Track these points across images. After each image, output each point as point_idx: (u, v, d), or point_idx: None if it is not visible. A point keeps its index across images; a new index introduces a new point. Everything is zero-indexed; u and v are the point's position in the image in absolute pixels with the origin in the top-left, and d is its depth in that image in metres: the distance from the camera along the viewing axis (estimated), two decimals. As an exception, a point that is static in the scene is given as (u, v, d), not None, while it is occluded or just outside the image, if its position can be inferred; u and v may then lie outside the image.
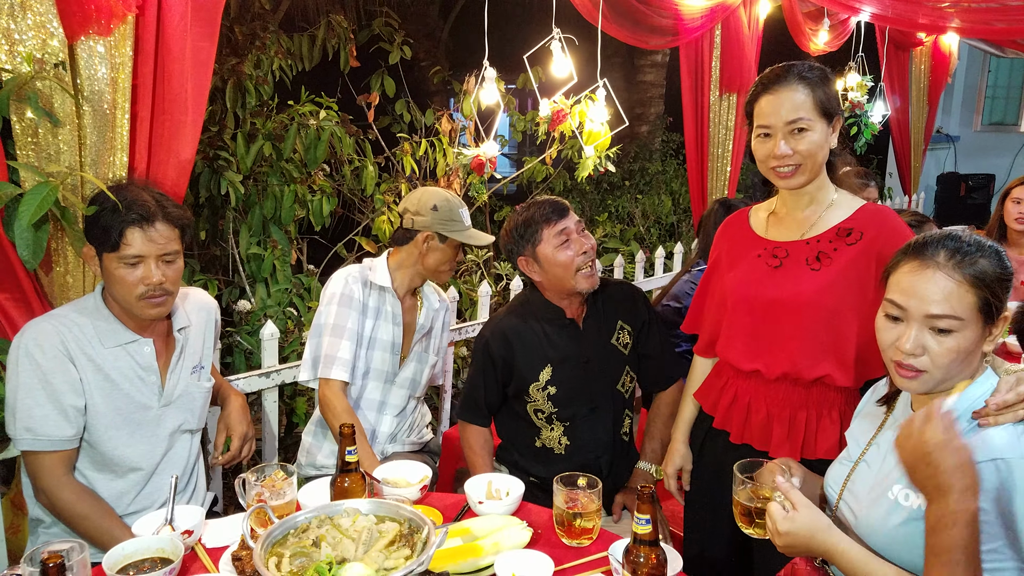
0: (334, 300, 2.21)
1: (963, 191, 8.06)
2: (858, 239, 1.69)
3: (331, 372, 2.16)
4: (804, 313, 1.71)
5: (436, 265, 2.28)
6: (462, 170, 3.64)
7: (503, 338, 2.14)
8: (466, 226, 2.27)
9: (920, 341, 1.29)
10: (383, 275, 2.27)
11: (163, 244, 1.74)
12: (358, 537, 1.35)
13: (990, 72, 8.86)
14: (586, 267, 2.05)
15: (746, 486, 1.48)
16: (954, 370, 1.30)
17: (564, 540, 1.60)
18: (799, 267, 1.73)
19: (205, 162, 3.16)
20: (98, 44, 1.74)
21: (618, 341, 2.18)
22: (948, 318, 1.27)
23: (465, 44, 7.46)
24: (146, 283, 1.72)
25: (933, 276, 1.29)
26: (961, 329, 1.27)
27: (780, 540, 1.36)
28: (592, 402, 2.14)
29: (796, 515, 1.34)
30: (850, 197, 1.77)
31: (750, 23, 4.00)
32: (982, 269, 1.29)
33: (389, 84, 4.14)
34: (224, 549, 1.57)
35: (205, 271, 3.51)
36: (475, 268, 4.18)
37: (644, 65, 7.95)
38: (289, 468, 1.66)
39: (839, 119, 1.73)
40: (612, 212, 6.54)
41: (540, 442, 2.18)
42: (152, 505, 1.85)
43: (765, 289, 1.76)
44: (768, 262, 1.78)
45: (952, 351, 1.28)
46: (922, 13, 5.00)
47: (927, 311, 1.28)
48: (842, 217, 1.74)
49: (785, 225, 1.81)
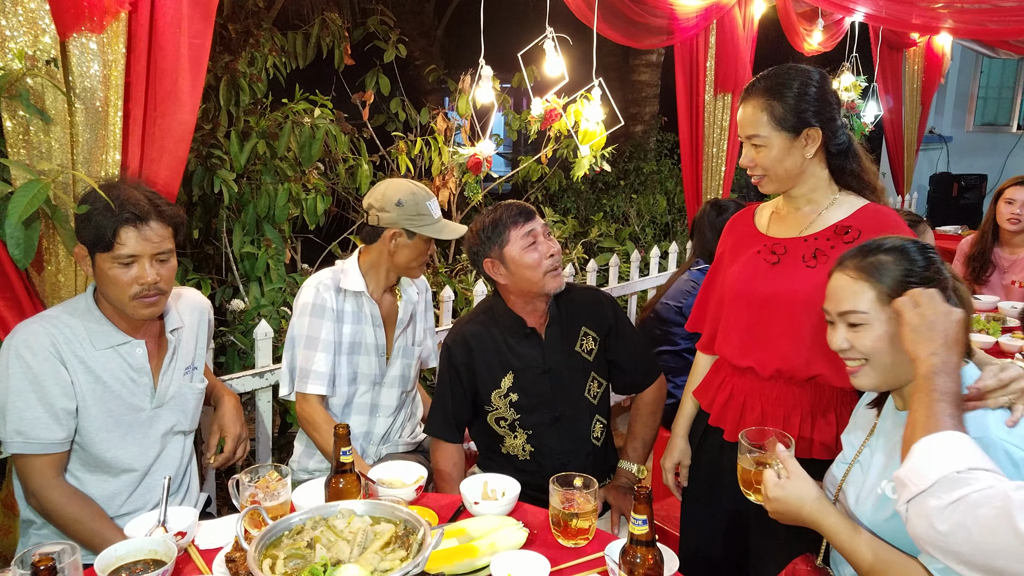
0: (306, 311, 2.15)
1: (955, 191, 8.09)
2: (856, 237, 1.69)
3: (307, 387, 2.12)
4: (798, 310, 1.71)
5: (407, 262, 2.20)
6: (457, 169, 3.63)
7: (464, 344, 2.11)
8: (435, 219, 2.18)
9: (843, 337, 1.43)
10: (355, 279, 2.20)
11: (157, 243, 1.72)
12: (353, 539, 1.35)
13: (982, 73, 8.89)
14: (553, 269, 2.03)
15: (751, 453, 1.51)
16: (887, 360, 1.39)
17: (560, 540, 1.59)
18: (796, 264, 1.74)
19: (198, 160, 3.14)
20: (90, 41, 1.73)
21: (582, 348, 2.14)
22: (853, 313, 1.40)
23: (460, 43, 7.45)
24: (140, 283, 1.70)
25: (837, 277, 1.44)
26: (870, 321, 1.39)
27: (770, 506, 1.41)
28: (555, 410, 2.11)
29: (787, 483, 1.39)
30: (853, 197, 1.78)
31: (745, 23, 4.00)
32: (881, 264, 1.39)
33: (384, 82, 4.13)
34: (217, 551, 1.55)
35: (198, 270, 3.49)
36: (470, 268, 4.17)
37: (639, 65, 7.95)
38: (283, 469, 1.65)
39: (814, 129, 1.71)
40: (607, 211, 6.54)
41: (505, 449, 2.16)
42: (145, 506, 1.83)
43: (761, 284, 1.77)
44: (767, 258, 1.79)
45: (871, 341, 1.39)
46: (915, 13, 5.02)
47: (838, 309, 1.43)
48: (842, 216, 1.75)
49: (786, 222, 1.82)
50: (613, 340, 2.19)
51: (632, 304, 4.16)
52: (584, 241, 5.32)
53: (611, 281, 4.01)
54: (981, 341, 2.88)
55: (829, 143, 1.75)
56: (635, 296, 4.16)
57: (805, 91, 1.71)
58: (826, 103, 1.73)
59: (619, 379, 2.26)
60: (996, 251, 3.64)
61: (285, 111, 3.40)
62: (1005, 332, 3.04)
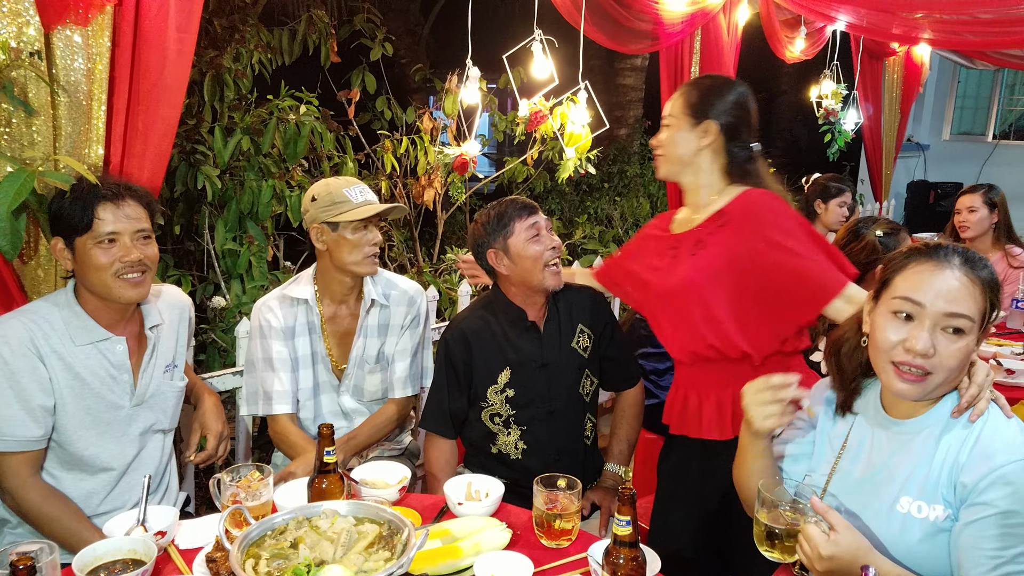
0: (254, 334, 2.14)
1: (932, 199, 8.20)
2: (727, 221, 1.80)
3: (272, 408, 2.11)
4: (683, 294, 1.83)
5: (345, 258, 2.09)
6: (443, 169, 3.62)
7: (463, 339, 2.13)
8: (357, 203, 2.08)
9: (933, 340, 1.29)
10: (304, 287, 2.16)
11: (136, 220, 1.72)
12: (337, 539, 1.34)
13: (960, 83, 9.03)
14: (553, 263, 2.08)
15: (773, 507, 1.37)
16: (952, 375, 1.31)
17: (543, 541, 1.60)
18: (684, 256, 1.85)
19: (182, 156, 3.11)
20: (75, 34, 1.71)
21: (578, 344, 2.18)
22: (964, 317, 1.28)
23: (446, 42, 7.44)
24: (123, 260, 1.69)
25: (953, 275, 1.30)
26: (971, 332, 1.29)
27: (822, 565, 1.26)
28: (550, 405, 2.14)
29: (839, 537, 1.26)
30: (737, 188, 1.86)
31: (729, 30, 4.03)
32: (990, 276, 1.32)
33: (370, 80, 4.11)
34: (198, 550, 1.54)
35: (179, 266, 3.46)
36: (454, 268, 4.17)
37: (623, 69, 7.99)
38: (265, 468, 1.64)
39: (713, 124, 1.83)
40: (591, 214, 6.57)
41: (496, 448, 2.17)
42: (124, 505, 1.81)
43: (661, 280, 1.90)
44: (668, 253, 1.91)
45: (961, 351, 1.29)
46: (896, 23, 5.08)
47: (946, 309, 1.28)
48: (721, 205, 1.84)
49: (684, 222, 1.95)
50: (607, 338, 2.24)
51: (616, 305, 4.17)
52: (568, 243, 5.33)
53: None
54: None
55: (730, 147, 1.85)
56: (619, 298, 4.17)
57: (721, 91, 1.86)
58: (735, 111, 1.84)
59: (610, 375, 2.29)
60: (964, 260, 3.71)
61: (270, 107, 3.39)
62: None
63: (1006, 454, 1.25)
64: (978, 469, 1.26)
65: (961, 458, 1.30)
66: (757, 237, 1.74)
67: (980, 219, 3.56)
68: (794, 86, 8.88)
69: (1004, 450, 1.26)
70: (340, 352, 2.21)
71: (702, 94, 1.86)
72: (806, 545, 1.28)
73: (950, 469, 1.31)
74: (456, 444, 2.20)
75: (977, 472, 1.26)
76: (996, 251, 3.62)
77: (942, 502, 1.31)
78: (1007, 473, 1.23)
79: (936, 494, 1.31)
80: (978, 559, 1.24)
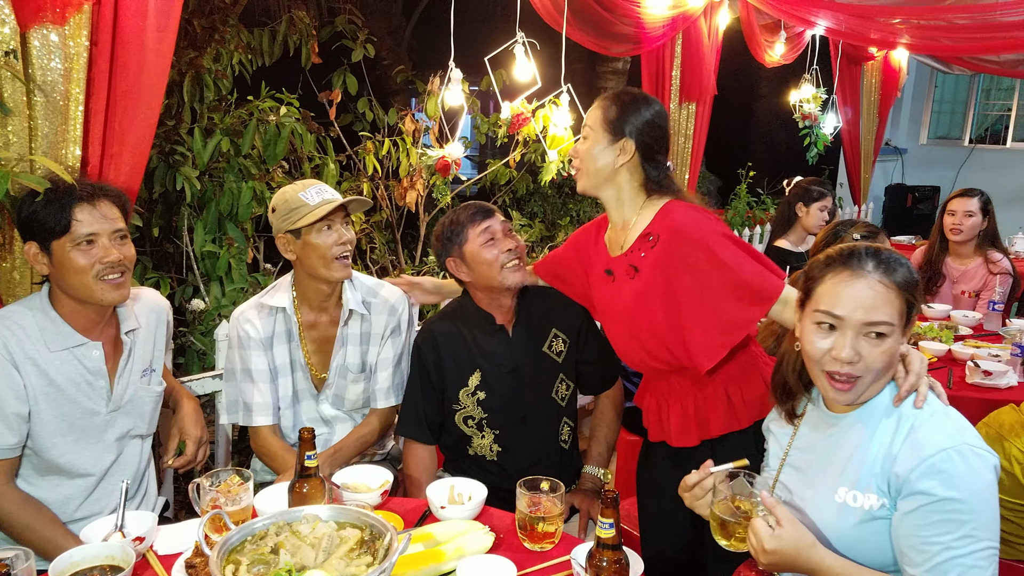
0: (233, 345, 2.11)
1: (910, 202, 8.32)
2: (656, 241, 1.82)
3: (252, 420, 2.08)
4: (629, 320, 1.88)
5: (315, 264, 2.03)
6: (426, 171, 3.62)
7: (432, 341, 2.13)
8: (314, 205, 2.01)
9: (856, 348, 1.35)
10: (282, 295, 2.11)
11: (113, 220, 1.70)
12: (318, 544, 1.33)
13: (937, 88, 9.17)
14: (511, 262, 2.06)
15: (724, 498, 1.44)
16: (881, 374, 1.38)
17: (526, 544, 1.60)
18: (623, 280, 1.89)
19: (160, 157, 3.08)
20: (52, 33, 1.69)
21: (551, 349, 2.18)
22: (883, 324, 1.34)
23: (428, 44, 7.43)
24: (103, 261, 1.67)
25: (867, 284, 1.35)
26: (892, 333, 1.35)
27: (766, 558, 1.33)
28: (522, 410, 2.13)
29: (783, 532, 1.32)
30: (656, 201, 1.88)
31: (710, 33, 4.07)
32: (906, 277, 1.37)
33: (351, 82, 4.09)
34: (177, 556, 1.52)
35: (158, 268, 3.42)
36: (437, 270, 4.16)
37: (605, 72, 8.02)
38: (245, 473, 1.62)
39: (630, 143, 1.83)
40: (574, 216, 6.58)
41: (472, 451, 2.16)
42: (101, 511, 1.79)
43: (608, 304, 1.96)
44: (606, 280, 1.96)
45: (886, 353, 1.35)
46: (874, 28, 5.15)
47: (864, 318, 1.34)
48: (645, 224, 1.87)
49: (613, 241, 1.97)
50: (583, 341, 2.23)
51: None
52: (551, 245, 5.34)
53: (576, 285, 4.03)
54: (934, 349, 2.96)
55: (645, 165, 1.86)
56: (600, 300, 4.19)
57: (639, 110, 1.85)
58: (651, 131, 1.85)
59: (588, 378, 2.29)
60: (946, 262, 3.75)
61: (250, 108, 3.36)
62: (957, 340, 3.14)
63: (934, 444, 1.30)
64: (909, 460, 1.31)
65: (894, 449, 1.35)
66: (689, 254, 1.76)
67: (974, 224, 3.59)
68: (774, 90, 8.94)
69: (932, 441, 1.31)
70: (320, 360, 2.17)
71: (621, 110, 1.85)
72: (752, 538, 1.35)
73: (883, 460, 1.36)
74: (435, 450, 2.19)
75: (909, 463, 1.31)
76: (977, 256, 3.67)
77: (876, 491, 1.36)
78: (937, 463, 1.28)
79: (870, 484, 1.37)
80: (920, 546, 1.29)
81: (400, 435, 2.19)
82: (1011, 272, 3.58)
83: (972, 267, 3.67)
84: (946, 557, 1.26)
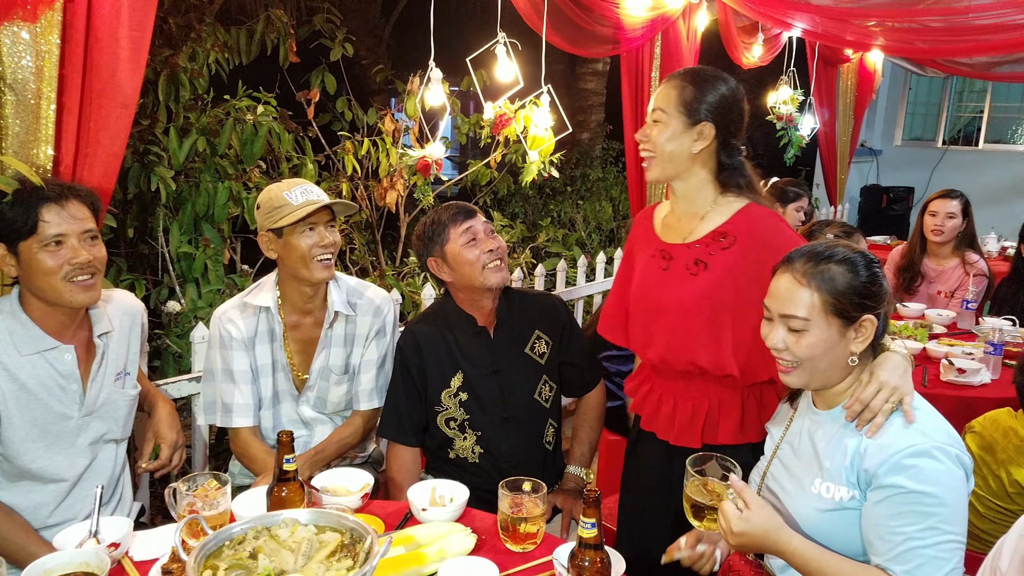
0: (213, 344, 2.07)
1: (884, 203, 8.43)
2: (732, 243, 1.76)
3: (232, 421, 2.05)
4: (686, 315, 1.78)
5: (297, 263, 2.00)
6: (406, 171, 3.59)
7: (414, 343, 2.12)
8: (297, 204, 1.97)
9: (780, 337, 1.45)
10: (266, 294, 2.08)
11: (82, 220, 1.67)
12: (297, 548, 1.32)
13: (911, 90, 9.30)
14: (493, 263, 2.05)
15: (696, 480, 1.49)
16: (821, 364, 1.43)
17: (509, 545, 1.59)
18: (681, 272, 1.80)
19: (135, 157, 3.04)
20: (23, 31, 1.65)
21: (533, 350, 2.17)
22: (794, 318, 1.42)
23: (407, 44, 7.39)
24: (72, 262, 1.64)
25: (787, 280, 1.44)
26: (810, 328, 1.41)
27: (734, 540, 1.39)
28: (505, 411, 2.13)
29: (750, 515, 1.38)
30: (732, 200, 1.80)
31: (688, 35, 4.08)
32: (831, 274, 1.41)
33: (330, 81, 4.07)
34: (153, 562, 1.50)
35: (132, 270, 3.38)
36: (418, 271, 4.14)
37: (585, 73, 8.04)
38: (223, 477, 1.60)
39: (709, 127, 1.73)
40: (555, 217, 6.59)
41: (454, 453, 2.15)
42: (75, 517, 1.76)
43: (652, 290, 1.85)
44: (659, 264, 1.85)
45: (807, 347, 1.42)
46: (850, 31, 5.21)
47: (780, 311, 1.44)
48: (720, 222, 1.79)
49: (673, 228, 1.87)
50: (567, 343, 2.23)
51: (579, 308, 4.19)
52: (532, 246, 5.34)
53: (559, 286, 4.03)
54: (909, 347, 3.00)
55: (720, 152, 1.78)
56: (581, 301, 4.19)
57: (717, 90, 1.75)
58: (731, 112, 1.76)
59: (572, 380, 2.29)
60: (924, 262, 3.80)
61: (227, 107, 3.32)
62: (932, 338, 3.18)
63: (900, 443, 1.35)
64: (877, 457, 1.37)
65: (862, 446, 1.40)
66: (766, 261, 1.64)
67: (955, 226, 3.64)
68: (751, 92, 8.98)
69: (897, 440, 1.36)
70: (302, 361, 2.14)
71: (698, 90, 1.73)
72: (722, 520, 1.40)
73: (853, 455, 1.41)
74: (419, 453, 2.18)
75: (877, 459, 1.37)
76: (955, 257, 3.71)
77: (846, 484, 1.41)
78: (902, 459, 1.34)
79: (841, 477, 1.42)
80: (885, 535, 1.34)
81: (382, 437, 2.17)
82: (986, 274, 3.64)
83: (949, 268, 3.72)
84: (909, 547, 1.31)
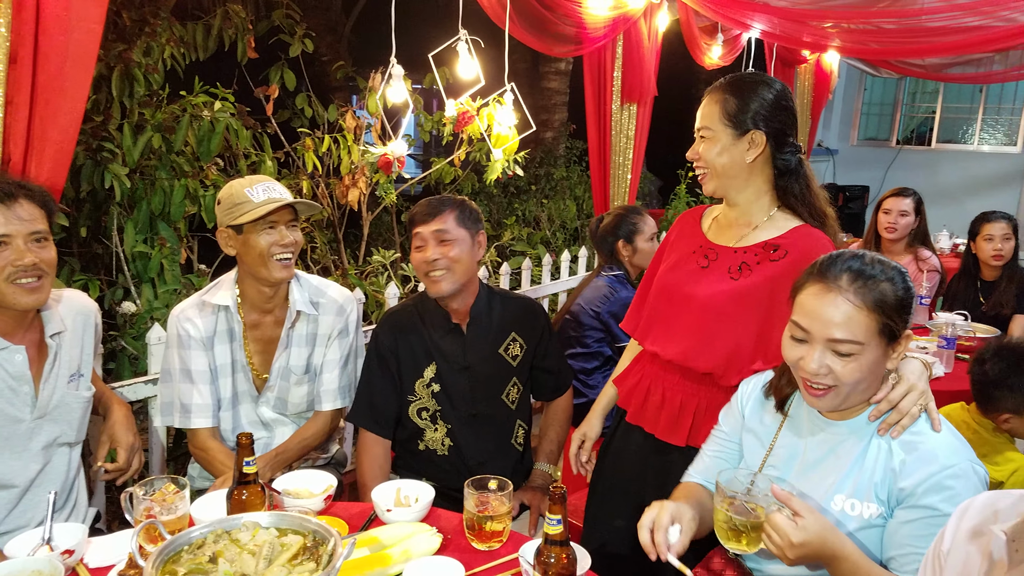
0: (171, 344, 2.03)
1: (841, 201, 8.62)
2: (782, 256, 1.72)
3: (191, 422, 2.01)
4: (709, 314, 1.76)
5: (256, 261, 1.96)
6: (368, 168, 3.56)
7: (391, 331, 2.13)
8: (258, 202, 1.93)
9: (824, 362, 1.32)
10: (225, 292, 2.03)
11: (29, 222, 1.62)
12: (258, 552, 1.29)
13: (866, 91, 9.54)
14: (433, 272, 2.03)
15: (733, 500, 1.34)
16: (861, 386, 1.35)
17: (474, 544, 1.58)
18: (721, 273, 1.78)
19: (88, 154, 2.96)
20: (-34, 21, 1.60)
21: (507, 352, 2.18)
22: (849, 343, 1.30)
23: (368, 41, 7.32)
24: (16, 264, 1.59)
25: (835, 300, 1.31)
26: (862, 352, 1.31)
27: (794, 552, 1.26)
28: (473, 408, 2.13)
29: (806, 522, 1.26)
30: (790, 216, 1.79)
31: (650, 35, 4.12)
32: (882, 293, 1.31)
33: (289, 77, 4.01)
34: (109, 568, 1.46)
35: (86, 270, 3.29)
36: (381, 270, 4.11)
37: (548, 72, 8.07)
38: (181, 481, 1.56)
39: (759, 134, 1.71)
40: (519, 216, 6.60)
41: (423, 444, 2.15)
42: (27, 524, 1.71)
43: (685, 283, 1.82)
44: (699, 260, 1.83)
45: (855, 371, 1.32)
46: (806, 32, 5.32)
47: (829, 335, 1.31)
48: (774, 234, 1.76)
49: (724, 232, 1.85)
50: (543, 350, 2.25)
51: (544, 307, 4.20)
52: (497, 244, 5.34)
53: (524, 284, 4.03)
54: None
55: (776, 157, 1.75)
56: (547, 299, 4.20)
57: (761, 96, 1.71)
58: (779, 114, 1.72)
59: (544, 384, 2.31)
60: (879, 259, 3.89)
61: (183, 104, 3.25)
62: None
63: (943, 460, 1.30)
64: (917, 475, 1.30)
65: (896, 462, 1.34)
66: None
67: (908, 223, 3.71)
68: (712, 92, 9.18)
69: (941, 456, 1.30)
70: (262, 361, 2.10)
71: (742, 100, 1.70)
72: (774, 535, 1.27)
73: (884, 472, 1.35)
74: (389, 447, 2.16)
75: (916, 478, 1.30)
76: (908, 254, 3.80)
77: (875, 501, 1.35)
78: (944, 479, 1.28)
79: (870, 493, 1.36)
80: (912, 554, 1.29)
81: (352, 423, 2.15)
82: (939, 270, 3.73)
83: (903, 264, 3.81)
84: None
